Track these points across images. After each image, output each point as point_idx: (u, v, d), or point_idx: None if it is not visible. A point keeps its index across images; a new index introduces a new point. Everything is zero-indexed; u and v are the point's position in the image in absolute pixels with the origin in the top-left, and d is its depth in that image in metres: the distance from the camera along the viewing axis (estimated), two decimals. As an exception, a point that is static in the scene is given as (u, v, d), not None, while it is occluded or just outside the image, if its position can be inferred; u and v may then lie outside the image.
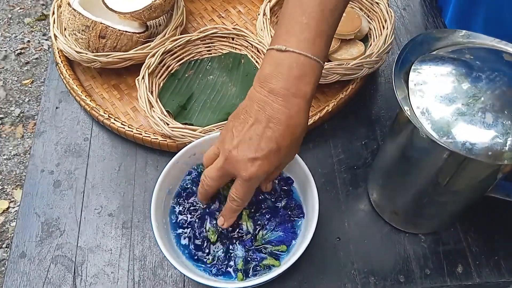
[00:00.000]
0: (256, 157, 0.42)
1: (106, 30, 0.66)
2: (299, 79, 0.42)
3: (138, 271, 0.56)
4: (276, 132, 0.42)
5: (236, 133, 0.43)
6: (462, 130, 0.39)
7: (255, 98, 0.43)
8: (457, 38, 0.46)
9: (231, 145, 0.43)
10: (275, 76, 0.42)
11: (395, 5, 0.83)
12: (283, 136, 0.42)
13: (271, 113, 0.42)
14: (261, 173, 0.43)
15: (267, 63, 0.43)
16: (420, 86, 0.42)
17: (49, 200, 0.62)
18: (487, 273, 0.55)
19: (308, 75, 0.42)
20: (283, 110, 0.42)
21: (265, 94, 0.42)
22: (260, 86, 0.43)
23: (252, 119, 0.43)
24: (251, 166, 0.42)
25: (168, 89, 0.70)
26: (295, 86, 0.42)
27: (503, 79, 0.40)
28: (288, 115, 0.42)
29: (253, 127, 0.42)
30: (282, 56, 0.42)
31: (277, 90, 0.42)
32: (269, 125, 0.42)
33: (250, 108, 0.43)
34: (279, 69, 0.42)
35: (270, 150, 0.42)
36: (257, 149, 0.42)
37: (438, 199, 0.49)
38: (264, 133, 0.42)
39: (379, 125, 0.67)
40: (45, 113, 0.70)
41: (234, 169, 0.43)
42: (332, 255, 0.56)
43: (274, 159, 0.43)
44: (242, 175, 0.43)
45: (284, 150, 0.43)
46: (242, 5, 0.83)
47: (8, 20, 1.82)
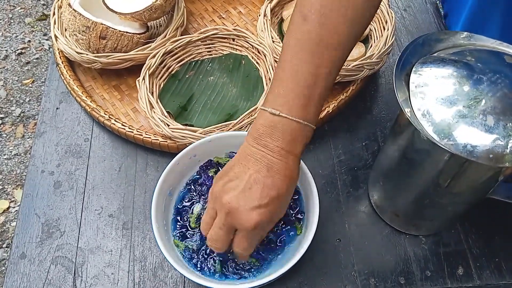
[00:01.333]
0: (259, 205, 0.42)
1: (106, 31, 0.66)
2: (292, 141, 0.43)
3: (139, 272, 0.56)
4: (276, 180, 0.43)
5: (233, 186, 0.43)
6: (463, 132, 0.39)
7: (250, 152, 0.44)
8: (458, 40, 0.46)
9: (230, 197, 0.43)
10: (269, 136, 0.43)
11: (396, 6, 0.83)
12: (283, 184, 0.43)
13: (269, 164, 0.43)
14: (265, 221, 0.43)
15: (261, 124, 0.44)
16: (421, 88, 0.42)
17: (49, 201, 0.62)
18: (488, 275, 0.55)
19: (299, 137, 0.44)
20: (280, 162, 0.43)
21: (261, 149, 0.43)
22: (255, 141, 0.44)
23: (251, 170, 0.43)
24: (255, 215, 0.42)
25: (168, 90, 0.70)
26: (288, 146, 0.43)
27: (505, 81, 0.40)
28: (284, 166, 0.43)
29: (253, 177, 0.43)
30: (275, 120, 0.43)
31: (272, 148, 0.43)
32: (269, 174, 0.43)
33: (246, 161, 0.44)
34: (273, 131, 0.43)
35: (272, 198, 0.42)
36: (259, 197, 0.42)
37: (439, 201, 0.49)
38: (265, 182, 0.42)
39: (379, 127, 0.67)
40: (46, 114, 0.70)
41: (236, 220, 0.43)
42: (333, 257, 0.56)
43: (276, 207, 0.43)
44: (246, 226, 0.42)
45: (283, 199, 0.44)
46: (242, 6, 0.83)
47: (9, 20, 1.82)
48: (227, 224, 0.44)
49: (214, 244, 0.45)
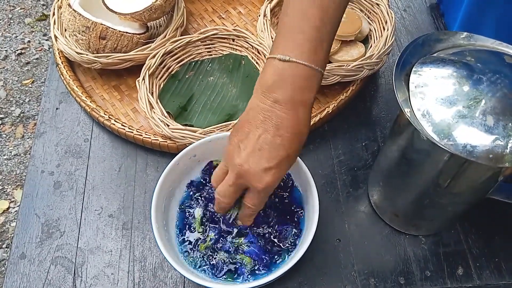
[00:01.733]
0: (269, 167, 0.42)
1: (106, 31, 0.66)
2: (303, 89, 0.42)
3: (138, 272, 0.56)
4: (285, 139, 0.42)
5: (243, 146, 0.43)
6: (463, 132, 0.39)
7: (259, 109, 0.43)
8: (458, 40, 0.46)
9: (241, 158, 0.43)
10: (279, 87, 0.42)
11: (396, 6, 0.83)
12: (292, 143, 0.43)
13: (278, 122, 0.42)
14: (276, 182, 0.44)
15: (270, 73, 0.43)
16: (420, 88, 0.42)
17: (49, 201, 0.62)
18: (488, 275, 0.55)
19: (311, 84, 0.43)
20: (290, 118, 0.42)
21: (270, 104, 0.42)
22: (263, 96, 0.43)
23: (260, 129, 0.42)
24: (266, 176, 0.42)
25: (168, 90, 0.70)
26: (299, 95, 0.42)
27: (504, 82, 0.40)
28: (295, 122, 0.42)
29: (262, 137, 0.42)
30: (285, 66, 0.42)
31: (282, 100, 0.42)
32: (278, 133, 0.42)
33: (255, 119, 0.43)
34: (284, 79, 0.42)
35: (282, 158, 0.42)
36: (269, 158, 0.42)
37: (439, 201, 0.49)
38: (274, 142, 0.42)
39: (379, 127, 0.67)
40: (45, 114, 0.70)
41: (248, 181, 0.44)
42: (332, 257, 0.56)
43: (286, 166, 0.44)
44: (257, 186, 0.43)
45: (293, 156, 0.44)
46: (242, 6, 0.83)
47: (9, 20, 1.82)
48: (238, 183, 0.44)
49: (222, 199, 0.46)
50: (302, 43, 0.42)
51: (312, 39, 0.42)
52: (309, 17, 0.42)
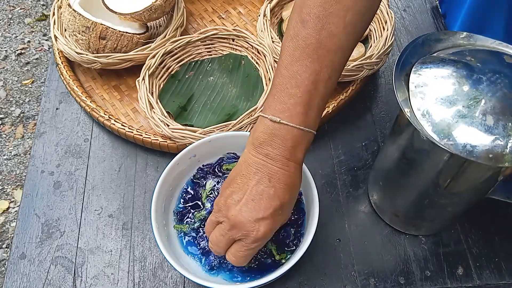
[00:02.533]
0: (263, 217, 0.42)
1: (106, 31, 0.66)
2: (292, 148, 0.43)
3: (138, 272, 0.56)
4: (278, 190, 0.43)
5: (236, 197, 0.43)
6: (463, 132, 0.39)
7: (251, 162, 0.44)
8: (458, 40, 0.46)
9: (235, 210, 0.43)
10: (270, 145, 0.43)
11: (396, 6, 0.83)
12: (285, 193, 0.43)
13: (270, 173, 0.43)
14: (269, 233, 0.43)
15: (261, 131, 0.44)
16: (420, 88, 0.42)
17: (49, 201, 0.62)
18: (488, 275, 0.55)
19: (300, 144, 0.44)
20: (281, 171, 0.43)
21: (262, 158, 0.43)
22: (255, 151, 0.44)
23: (253, 181, 0.43)
24: (260, 226, 0.42)
25: (168, 90, 0.70)
26: (289, 154, 0.43)
27: (504, 81, 0.40)
28: (286, 174, 0.43)
29: (255, 188, 0.43)
30: (276, 127, 0.43)
31: (273, 156, 0.43)
32: (270, 184, 0.43)
33: (248, 171, 0.44)
34: (274, 139, 0.43)
35: (275, 208, 0.43)
36: (263, 209, 0.42)
37: (439, 201, 0.49)
38: (267, 192, 0.43)
39: (379, 127, 0.67)
40: (45, 114, 0.70)
41: (242, 233, 0.43)
42: (333, 257, 0.56)
43: (279, 217, 0.44)
44: (251, 236, 0.43)
45: (286, 207, 0.44)
46: (242, 6, 0.83)
47: (9, 20, 1.82)
48: (230, 235, 0.44)
49: (215, 247, 0.46)
50: (293, 106, 0.42)
51: (303, 103, 0.43)
52: (302, 80, 0.42)
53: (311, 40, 0.42)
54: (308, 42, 0.42)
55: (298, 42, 0.43)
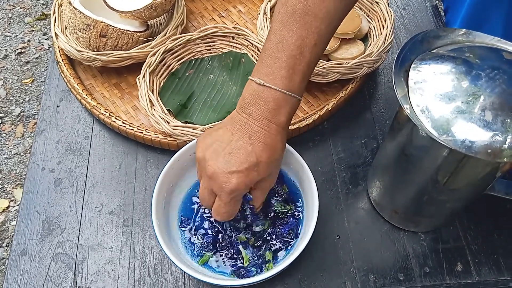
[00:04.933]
0: (237, 170, 0.43)
1: (107, 29, 0.66)
2: (275, 110, 0.45)
3: (139, 269, 0.56)
4: (256, 147, 0.44)
5: (215, 148, 0.45)
6: (462, 128, 0.39)
7: (236, 119, 0.46)
8: (456, 36, 0.47)
9: (212, 159, 0.44)
10: (253, 105, 0.45)
11: (395, 4, 0.83)
12: (263, 152, 0.44)
13: (250, 131, 0.45)
14: (241, 186, 0.44)
15: (247, 93, 0.46)
16: (420, 84, 0.42)
17: (49, 198, 0.62)
18: (487, 271, 0.55)
19: (283, 107, 0.45)
20: (262, 130, 0.45)
21: (245, 117, 0.45)
22: (241, 110, 0.46)
23: (234, 136, 0.45)
24: (232, 179, 0.43)
25: (168, 88, 0.70)
26: (271, 115, 0.45)
27: (503, 77, 0.40)
28: (266, 135, 0.45)
29: (234, 143, 0.44)
30: (260, 89, 0.44)
31: (255, 116, 0.45)
32: (250, 142, 0.44)
33: (232, 127, 0.46)
34: (257, 100, 0.45)
35: (250, 164, 0.44)
36: (238, 162, 0.43)
37: (438, 197, 0.49)
38: (245, 148, 0.44)
39: (378, 124, 0.67)
40: (46, 112, 0.70)
41: (215, 184, 0.44)
42: (332, 253, 0.56)
43: (254, 173, 0.44)
44: (223, 187, 0.44)
45: (263, 165, 0.45)
46: (242, 4, 0.83)
47: (9, 19, 1.82)
48: (208, 186, 0.45)
49: (202, 202, 0.48)
50: (278, 70, 0.44)
51: (287, 67, 0.44)
52: (287, 45, 0.44)
53: (299, 6, 0.43)
54: (296, 7, 0.43)
55: (287, 8, 0.44)
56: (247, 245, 0.52)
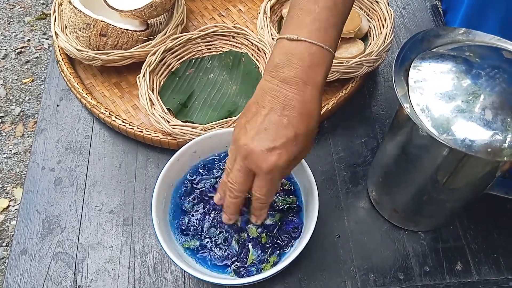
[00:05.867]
0: (274, 147, 0.40)
1: (107, 28, 0.66)
2: (310, 68, 0.41)
3: (139, 268, 0.56)
4: (292, 119, 0.41)
5: (249, 127, 0.41)
6: (462, 127, 0.39)
7: (266, 88, 0.42)
8: (456, 35, 0.47)
9: (246, 139, 0.41)
10: (286, 65, 0.41)
11: (395, 4, 0.83)
12: (300, 123, 0.41)
13: (285, 101, 0.41)
14: (281, 163, 0.41)
15: (278, 52, 0.42)
16: (420, 83, 0.42)
17: (50, 197, 0.62)
18: (486, 271, 0.55)
19: (319, 64, 0.41)
20: (296, 97, 0.41)
21: (277, 83, 0.41)
22: (270, 76, 0.42)
23: (266, 109, 0.41)
24: (271, 156, 0.40)
25: (168, 87, 0.70)
26: (307, 75, 0.41)
27: (503, 76, 0.40)
28: (302, 102, 0.41)
29: (268, 117, 0.41)
30: (293, 45, 0.41)
31: (289, 79, 0.41)
32: (284, 113, 0.41)
33: (262, 99, 0.42)
34: (291, 58, 0.41)
35: (288, 138, 0.41)
36: (274, 138, 0.40)
37: (438, 197, 0.49)
38: (280, 121, 0.41)
39: (378, 123, 0.67)
40: (46, 111, 0.70)
41: (254, 163, 0.41)
42: (332, 252, 0.56)
43: (293, 148, 0.41)
44: (262, 167, 0.41)
45: (301, 138, 0.42)
46: (242, 3, 0.83)
47: (8, 19, 1.82)
48: (244, 166, 0.42)
49: (234, 185, 0.44)
50: (312, 22, 0.41)
51: (322, 19, 0.41)
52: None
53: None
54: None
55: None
56: (257, 244, 0.51)
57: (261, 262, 0.50)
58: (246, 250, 0.51)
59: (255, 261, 0.51)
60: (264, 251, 0.51)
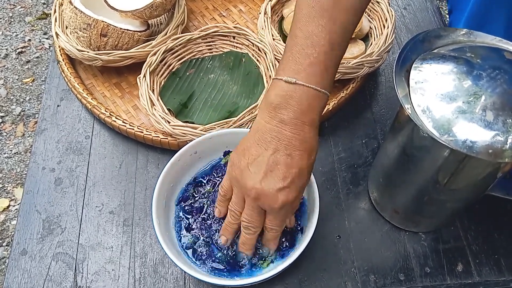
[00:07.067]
0: (284, 186, 0.42)
1: (107, 28, 0.66)
2: (308, 110, 0.43)
3: (139, 268, 0.56)
4: (295, 157, 0.43)
5: (254, 169, 0.43)
6: (463, 128, 0.39)
7: (265, 129, 0.43)
8: (458, 36, 0.47)
9: (254, 182, 0.43)
10: (285, 108, 0.42)
11: (396, 4, 0.83)
12: (302, 160, 0.43)
13: (286, 141, 0.42)
14: (291, 199, 0.43)
15: (276, 94, 0.43)
16: (421, 84, 0.42)
17: (50, 198, 0.62)
18: (487, 272, 0.55)
19: (316, 106, 0.43)
20: (297, 137, 0.42)
21: (276, 124, 0.43)
22: (269, 117, 0.43)
23: (270, 150, 0.43)
24: (281, 196, 0.43)
25: (169, 87, 0.70)
26: (304, 116, 0.42)
27: (504, 77, 0.40)
28: (302, 140, 0.43)
29: (272, 158, 0.42)
30: (291, 88, 0.42)
31: (288, 121, 0.42)
32: (287, 153, 0.42)
33: (262, 140, 0.43)
34: (289, 101, 0.42)
35: (294, 177, 0.43)
36: (282, 178, 0.42)
37: (439, 198, 0.49)
38: (286, 161, 0.42)
39: (379, 124, 0.67)
40: (46, 111, 0.70)
41: (266, 204, 0.44)
42: (333, 253, 0.56)
43: (299, 182, 0.44)
44: (274, 207, 0.43)
45: (305, 172, 0.44)
46: (243, 4, 0.83)
47: (9, 18, 1.82)
48: (256, 207, 0.44)
49: (250, 224, 0.46)
50: (309, 67, 0.42)
51: (319, 63, 0.42)
52: (318, 40, 0.42)
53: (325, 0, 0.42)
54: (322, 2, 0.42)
55: (311, 4, 0.42)
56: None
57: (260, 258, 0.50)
58: None
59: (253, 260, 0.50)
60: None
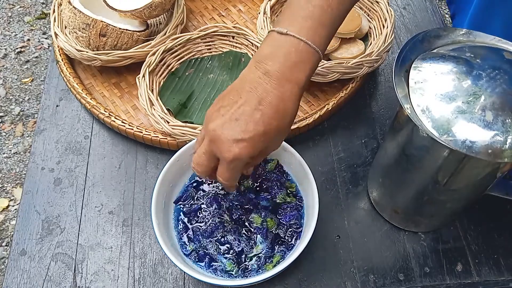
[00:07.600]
0: (241, 139, 0.40)
1: (106, 28, 0.66)
2: (295, 65, 0.41)
3: (139, 269, 0.56)
4: (265, 115, 0.41)
5: (222, 112, 0.41)
6: (462, 128, 0.39)
7: (247, 79, 0.42)
8: (457, 36, 0.46)
9: (216, 124, 0.41)
10: (271, 58, 0.41)
11: (395, 4, 0.83)
12: (272, 119, 0.41)
13: (262, 95, 0.41)
14: (244, 156, 0.41)
15: (266, 44, 0.42)
16: (420, 84, 0.42)
17: (49, 198, 0.62)
18: (487, 272, 0.55)
19: (305, 62, 0.41)
20: (275, 92, 0.41)
21: (259, 75, 0.41)
22: (255, 66, 0.42)
23: (242, 100, 0.41)
24: (235, 147, 0.40)
25: (168, 87, 0.70)
26: (290, 71, 0.41)
27: (504, 77, 0.40)
28: (279, 98, 0.41)
29: (242, 108, 0.41)
30: (282, 39, 0.41)
31: (271, 72, 0.41)
32: (259, 107, 0.40)
33: (241, 89, 0.42)
34: (277, 51, 0.41)
35: (256, 133, 0.41)
36: (243, 130, 0.40)
37: (438, 198, 0.49)
38: (253, 115, 0.40)
39: (379, 124, 0.67)
40: (46, 111, 0.70)
41: (218, 150, 0.42)
42: (332, 253, 0.56)
43: (259, 143, 0.41)
44: (225, 156, 0.41)
45: (271, 135, 0.42)
46: (242, 3, 0.83)
47: (8, 18, 1.81)
48: (209, 150, 0.43)
49: (196, 167, 0.45)
50: (303, 19, 0.41)
51: (314, 17, 0.41)
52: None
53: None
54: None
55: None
56: (266, 237, 0.51)
57: (267, 257, 0.50)
58: (253, 243, 0.51)
59: (261, 255, 0.50)
60: (270, 247, 0.51)
